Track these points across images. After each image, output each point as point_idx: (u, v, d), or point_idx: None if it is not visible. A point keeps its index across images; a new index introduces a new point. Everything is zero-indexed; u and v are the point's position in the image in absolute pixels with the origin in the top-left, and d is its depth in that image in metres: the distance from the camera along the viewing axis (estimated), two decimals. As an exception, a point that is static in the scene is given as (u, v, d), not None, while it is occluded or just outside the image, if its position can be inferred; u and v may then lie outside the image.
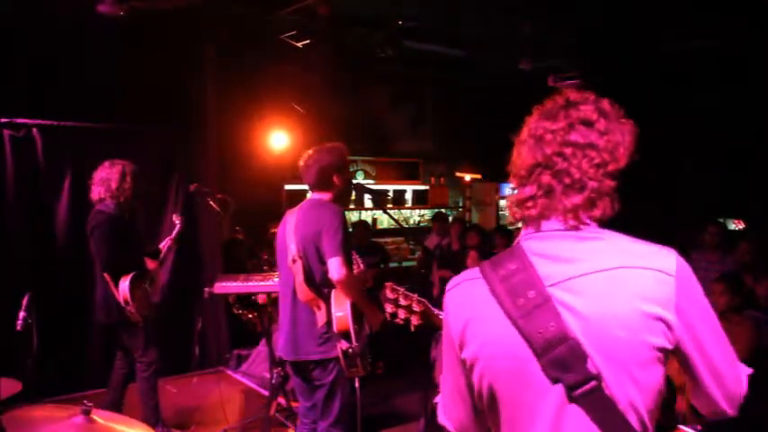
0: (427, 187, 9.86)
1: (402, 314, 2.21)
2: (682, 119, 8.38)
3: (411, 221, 9.72)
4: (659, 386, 1.30)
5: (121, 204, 4.53)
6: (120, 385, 4.69)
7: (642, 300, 1.27)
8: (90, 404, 2.19)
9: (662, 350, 1.29)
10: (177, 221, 4.94)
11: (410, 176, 9.71)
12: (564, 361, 1.27)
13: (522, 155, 1.42)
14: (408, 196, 9.78)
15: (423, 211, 9.74)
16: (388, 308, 2.34)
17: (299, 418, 3.77)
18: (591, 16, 5.89)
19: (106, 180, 4.54)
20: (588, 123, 1.39)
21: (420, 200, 9.87)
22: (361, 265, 3.67)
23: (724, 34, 6.08)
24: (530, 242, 1.39)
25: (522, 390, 1.33)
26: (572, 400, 1.27)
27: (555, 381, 1.28)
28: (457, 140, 9.45)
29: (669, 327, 1.28)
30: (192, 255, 6.41)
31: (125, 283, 4.33)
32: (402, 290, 2.24)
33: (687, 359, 1.33)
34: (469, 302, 1.42)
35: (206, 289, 4.84)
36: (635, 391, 1.27)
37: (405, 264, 8.65)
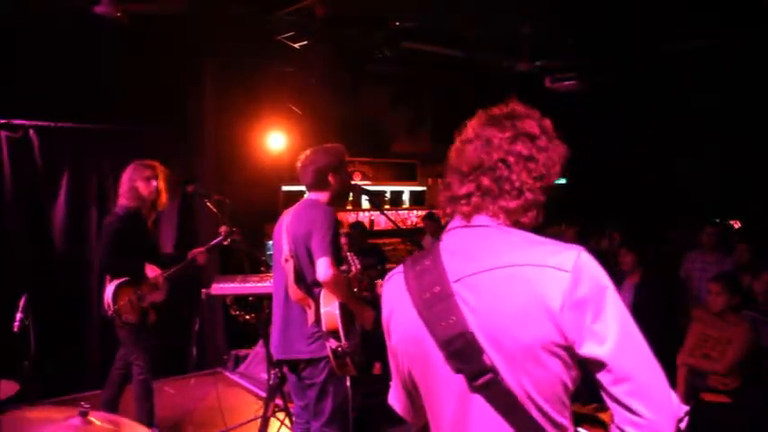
0: (425, 188, 9.86)
1: None
2: (681, 119, 8.40)
3: (408, 222, 9.71)
4: (559, 379, 1.32)
5: (132, 208, 4.49)
6: (116, 384, 4.66)
7: (533, 296, 1.30)
8: (87, 406, 2.19)
9: (557, 345, 1.30)
10: (222, 233, 4.72)
11: (407, 177, 9.72)
12: (462, 353, 1.35)
13: (467, 153, 1.50)
14: (406, 197, 9.78)
15: (420, 212, 9.73)
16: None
17: (294, 418, 3.78)
18: (590, 16, 5.88)
19: (123, 182, 4.54)
20: (531, 137, 1.47)
21: (417, 201, 9.86)
22: (358, 266, 3.67)
23: (724, 34, 6.07)
24: (446, 239, 1.49)
25: (431, 377, 1.44)
26: (473, 389, 1.35)
27: (457, 371, 1.37)
28: (454, 142, 9.42)
29: (559, 322, 1.29)
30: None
31: (110, 288, 4.34)
32: None
33: (583, 356, 1.30)
34: (393, 294, 1.54)
35: (203, 290, 4.84)
36: (529, 384, 1.31)
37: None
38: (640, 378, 1.28)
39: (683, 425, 1.29)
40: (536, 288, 1.30)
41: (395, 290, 1.53)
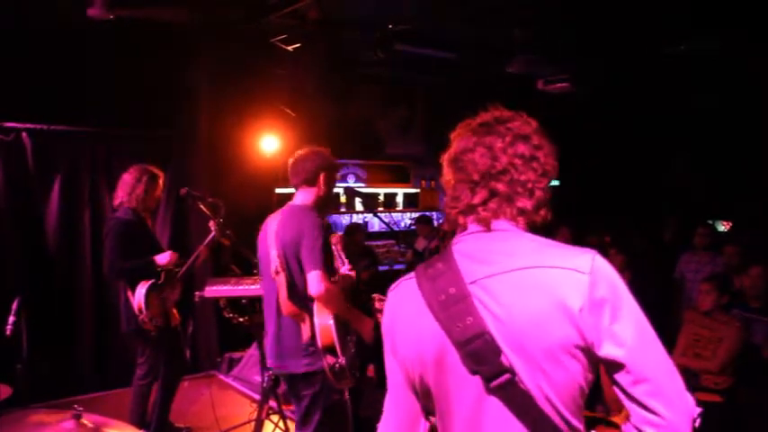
0: (418, 190, 9.87)
1: None
2: (676, 120, 8.42)
3: (402, 224, 9.72)
4: (577, 381, 1.33)
5: (135, 210, 4.49)
6: (142, 397, 4.66)
7: (553, 298, 1.31)
8: (80, 409, 2.19)
9: (577, 347, 1.31)
10: (213, 228, 4.69)
11: (401, 180, 9.73)
12: (480, 354, 1.34)
13: (475, 161, 1.50)
14: (399, 199, 9.79)
15: (413, 214, 9.75)
16: (379, 317, 2.36)
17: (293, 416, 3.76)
18: (585, 17, 5.89)
19: (123, 185, 4.53)
20: (526, 138, 1.50)
21: (411, 203, 9.88)
22: (348, 266, 3.63)
23: (724, 35, 6.08)
24: (459, 244, 1.49)
25: (446, 380, 1.42)
26: (489, 391, 1.34)
27: (474, 372, 1.36)
28: (447, 143, 9.40)
29: (579, 323, 1.30)
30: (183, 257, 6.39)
31: (141, 291, 4.29)
32: None
33: (601, 358, 1.32)
34: (404, 300, 1.52)
35: (197, 293, 4.82)
36: (548, 386, 1.32)
37: (396, 267, 8.65)
38: (658, 378, 1.30)
39: (696, 424, 1.32)
40: (555, 290, 1.31)
41: (402, 296, 1.52)
